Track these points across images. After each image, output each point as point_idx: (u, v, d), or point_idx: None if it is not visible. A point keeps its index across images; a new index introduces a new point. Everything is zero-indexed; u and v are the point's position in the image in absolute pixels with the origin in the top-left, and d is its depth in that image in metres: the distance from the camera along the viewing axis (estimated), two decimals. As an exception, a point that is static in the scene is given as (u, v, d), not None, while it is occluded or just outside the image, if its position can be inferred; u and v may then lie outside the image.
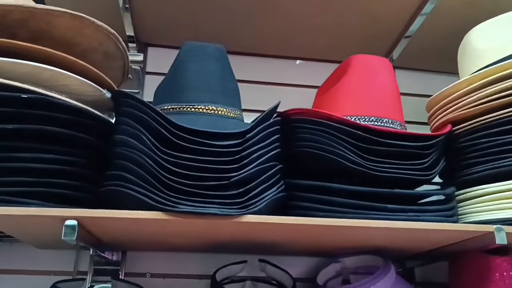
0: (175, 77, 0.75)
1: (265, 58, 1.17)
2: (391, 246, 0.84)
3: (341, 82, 0.82)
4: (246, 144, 0.67)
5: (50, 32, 0.68)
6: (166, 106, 0.73)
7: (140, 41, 1.10)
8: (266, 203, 0.65)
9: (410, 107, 1.03)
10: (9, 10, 0.63)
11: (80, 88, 0.68)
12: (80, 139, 0.67)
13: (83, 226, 0.64)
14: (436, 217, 0.71)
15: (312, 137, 0.73)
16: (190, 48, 0.76)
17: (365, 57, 0.82)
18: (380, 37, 1.10)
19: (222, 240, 0.81)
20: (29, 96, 0.61)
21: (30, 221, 0.62)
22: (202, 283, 0.96)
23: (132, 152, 0.64)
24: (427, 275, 1.04)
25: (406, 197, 0.73)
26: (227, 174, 0.65)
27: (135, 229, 0.70)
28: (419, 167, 0.74)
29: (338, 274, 0.94)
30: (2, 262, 0.92)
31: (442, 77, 1.15)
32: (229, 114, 0.73)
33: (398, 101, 0.81)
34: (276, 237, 0.78)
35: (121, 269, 0.94)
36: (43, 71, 0.64)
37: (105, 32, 0.72)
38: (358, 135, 0.72)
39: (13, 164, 0.61)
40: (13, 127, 0.61)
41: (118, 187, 0.63)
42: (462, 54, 0.89)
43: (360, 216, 0.68)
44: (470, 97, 0.78)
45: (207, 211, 0.61)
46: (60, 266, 0.93)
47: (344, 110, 0.77)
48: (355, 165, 0.71)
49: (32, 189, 0.61)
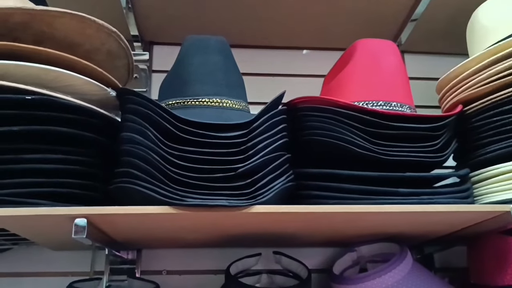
0: (179, 71, 0.75)
1: (271, 49, 1.17)
2: (406, 232, 0.83)
3: (347, 68, 0.80)
4: (252, 135, 0.66)
5: (52, 34, 0.69)
6: (171, 101, 0.73)
7: (145, 40, 1.11)
8: (274, 193, 0.65)
9: (421, 91, 1.02)
10: (9, 14, 0.64)
11: (85, 88, 0.69)
12: (87, 138, 0.67)
13: (92, 224, 0.64)
14: (451, 199, 0.70)
15: (320, 125, 0.72)
16: (192, 42, 0.76)
17: (370, 41, 0.81)
18: (386, 22, 1.08)
19: (234, 234, 0.80)
20: (33, 98, 0.61)
21: (41, 221, 0.63)
22: (218, 278, 0.96)
23: (138, 148, 0.64)
24: (446, 260, 1.02)
25: (419, 180, 0.72)
26: (233, 166, 0.64)
27: (145, 225, 0.70)
28: (430, 149, 0.72)
29: (354, 263, 0.93)
30: (20, 265, 0.93)
31: (451, 58, 1.12)
32: (234, 105, 0.73)
33: (406, 83, 0.80)
34: (288, 228, 0.77)
35: (137, 267, 0.95)
36: (47, 73, 0.64)
37: (106, 31, 0.72)
38: (367, 120, 0.71)
39: (21, 165, 0.61)
40: (19, 129, 0.61)
41: (126, 184, 0.63)
42: (470, 32, 0.87)
43: (371, 201, 0.67)
44: (480, 75, 0.76)
45: (215, 203, 0.61)
46: (77, 267, 0.94)
47: (352, 96, 0.76)
48: (365, 150, 0.70)
49: (42, 190, 0.62)
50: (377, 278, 0.75)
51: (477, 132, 0.78)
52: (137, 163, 0.64)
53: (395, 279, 0.75)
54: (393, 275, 0.75)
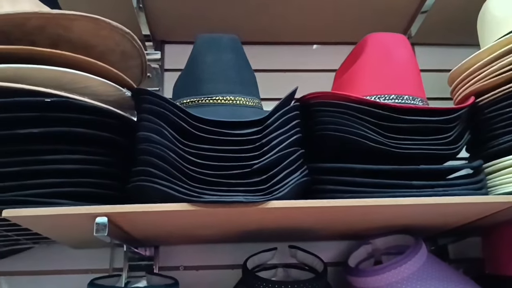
0: (192, 70, 0.76)
1: (281, 45, 1.17)
2: (420, 224, 0.83)
3: (358, 62, 0.81)
4: (266, 131, 0.67)
5: (67, 36, 0.70)
6: (185, 100, 0.74)
7: (156, 40, 1.12)
8: (290, 188, 0.66)
9: (432, 83, 1.02)
10: (27, 18, 0.65)
11: (101, 89, 0.70)
12: (104, 139, 0.68)
13: (113, 222, 0.65)
14: (465, 191, 0.70)
15: (333, 120, 0.73)
16: (204, 40, 0.77)
17: (380, 35, 0.81)
18: (395, 15, 1.08)
19: (250, 229, 0.82)
20: (52, 100, 0.63)
21: (62, 220, 0.64)
22: (234, 273, 0.97)
23: (155, 147, 0.65)
24: (460, 251, 1.03)
25: (432, 173, 0.72)
26: (249, 162, 0.65)
27: (163, 222, 0.72)
28: (443, 141, 0.73)
29: (369, 255, 0.94)
30: (41, 264, 0.95)
31: (463, 50, 1.12)
32: (247, 103, 0.74)
33: (418, 76, 0.80)
34: (303, 222, 0.78)
35: (155, 263, 0.96)
36: (64, 75, 0.65)
37: (120, 32, 0.73)
38: (379, 114, 0.71)
39: (42, 166, 0.63)
40: (39, 130, 0.62)
41: (144, 182, 0.64)
42: (481, 23, 0.87)
43: (386, 195, 0.68)
44: (492, 66, 0.76)
45: (232, 200, 0.62)
46: (96, 264, 0.96)
47: (363, 90, 0.77)
48: (378, 144, 0.70)
49: (62, 190, 0.63)
50: (392, 270, 0.76)
51: (489, 124, 0.78)
52: (154, 162, 0.65)
53: (410, 270, 0.76)
54: (409, 267, 0.76)
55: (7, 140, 0.62)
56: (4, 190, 0.61)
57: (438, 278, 0.76)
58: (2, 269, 0.95)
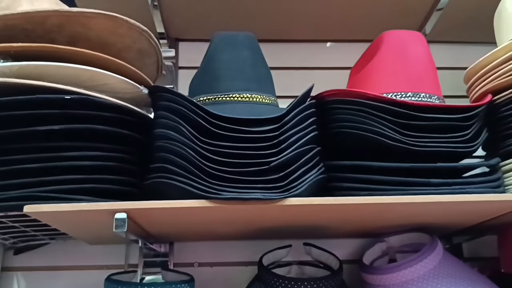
0: (208, 68, 0.76)
1: (295, 43, 1.17)
2: (436, 222, 0.83)
3: (374, 60, 0.81)
4: (283, 129, 0.67)
5: (86, 34, 0.71)
6: (202, 98, 0.74)
7: (170, 37, 1.12)
8: (307, 186, 0.66)
9: (448, 81, 1.01)
10: (47, 16, 0.66)
11: (119, 86, 0.71)
12: (122, 135, 0.69)
13: (131, 218, 0.66)
14: (482, 189, 0.70)
15: (349, 117, 0.72)
16: (220, 38, 0.77)
17: (396, 32, 0.81)
18: (411, 12, 1.08)
19: (266, 226, 0.82)
20: (72, 97, 0.64)
21: (82, 216, 0.65)
22: (248, 270, 0.97)
23: (172, 144, 0.66)
24: (475, 249, 1.02)
25: (449, 170, 0.72)
26: (266, 159, 0.65)
27: (180, 219, 0.72)
28: (460, 139, 0.72)
29: (384, 253, 0.93)
30: (57, 259, 0.96)
31: (479, 47, 1.12)
32: (264, 100, 0.74)
33: (434, 74, 0.80)
34: (320, 220, 0.78)
35: (170, 260, 0.97)
36: (83, 72, 0.66)
37: (138, 30, 0.73)
38: (396, 112, 0.71)
39: (62, 163, 0.63)
40: (59, 127, 0.63)
41: (162, 179, 0.65)
42: (498, 20, 0.87)
43: (403, 192, 0.67)
44: (509, 64, 0.76)
45: (249, 197, 0.62)
46: (112, 260, 0.97)
47: (379, 87, 0.77)
48: (395, 141, 0.70)
49: (82, 186, 0.64)
50: (408, 267, 0.76)
51: (506, 122, 0.78)
52: (172, 159, 0.65)
53: (426, 268, 0.76)
54: (425, 265, 0.76)
55: (28, 137, 0.63)
56: (25, 186, 0.62)
57: (455, 276, 0.76)
58: (19, 264, 0.96)
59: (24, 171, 0.62)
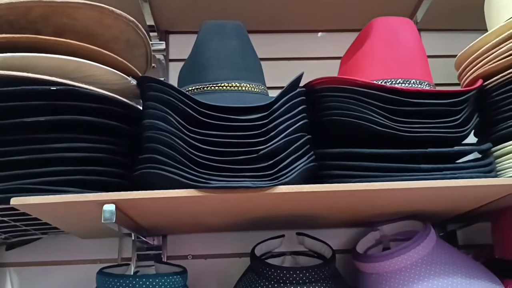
0: (197, 57, 0.76)
1: (286, 33, 1.17)
2: (429, 209, 0.83)
3: (364, 47, 0.80)
4: (272, 117, 0.67)
5: (72, 25, 0.70)
6: (190, 87, 0.74)
7: (160, 30, 1.12)
8: (297, 173, 0.65)
9: (440, 69, 1.01)
10: (30, 7, 0.65)
11: (106, 78, 0.70)
12: (110, 127, 0.68)
13: (121, 209, 0.65)
14: (474, 174, 0.70)
15: (339, 105, 0.72)
16: (209, 27, 0.77)
17: (386, 19, 0.80)
18: (401, 1, 1.07)
19: (258, 216, 0.81)
20: (58, 88, 0.63)
21: (70, 208, 0.64)
22: (242, 261, 0.97)
23: (161, 134, 0.65)
24: (469, 237, 1.02)
25: (441, 156, 0.71)
26: (255, 148, 0.65)
27: (171, 209, 0.72)
28: (451, 124, 0.72)
29: (378, 242, 0.93)
30: (49, 254, 0.96)
31: (469, 35, 1.10)
32: (253, 89, 0.73)
33: (425, 60, 0.79)
34: (312, 209, 0.78)
35: (163, 253, 0.97)
36: (69, 63, 0.65)
37: (124, 20, 0.73)
38: (386, 98, 0.71)
39: (49, 154, 0.63)
40: (45, 119, 0.62)
41: (151, 169, 0.65)
42: (488, 6, 0.86)
43: (394, 178, 0.67)
44: (499, 49, 0.76)
45: (239, 185, 0.62)
46: (105, 254, 0.97)
47: (370, 74, 0.76)
48: (386, 128, 0.70)
49: (70, 178, 0.63)
50: (401, 255, 0.76)
51: (497, 107, 0.78)
52: (160, 149, 0.65)
53: (419, 255, 0.76)
54: (418, 252, 0.76)
55: (14, 129, 0.62)
56: (12, 178, 0.62)
57: (448, 263, 0.75)
58: (11, 260, 0.96)
59: (11, 163, 0.62)
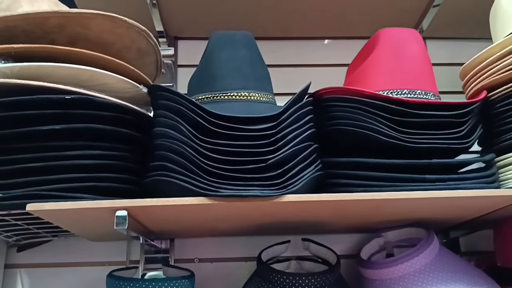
0: (206, 67, 0.77)
1: (293, 40, 1.18)
2: (433, 217, 0.84)
3: (370, 57, 0.82)
4: (281, 126, 0.68)
5: (86, 35, 0.72)
6: (200, 96, 0.75)
7: (169, 36, 1.13)
8: (304, 182, 0.67)
9: (445, 77, 1.02)
10: (47, 17, 0.67)
11: (118, 86, 0.72)
12: (122, 134, 0.70)
13: (132, 215, 0.67)
14: (477, 184, 0.71)
15: (346, 115, 0.74)
16: (218, 37, 0.78)
17: (393, 30, 0.82)
18: (408, 9, 1.08)
19: (264, 222, 0.83)
20: (72, 97, 0.65)
21: (84, 214, 0.66)
22: (248, 265, 0.99)
23: (171, 142, 0.67)
24: (472, 244, 1.03)
25: (445, 167, 0.73)
26: (264, 157, 0.66)
27: (181, 216, 0.73)
28: (455, 135, 0.73)
29: (381, 248, 0.95)
30: (60, 256, 0.98)
31: (475, 43, 1.12)
32: (261, 98, 0.75)
33: (430, 71, 0.81)
34: (317, 216, 0.80)
35: (171, 256, 0.98)
36: (83, 72, 0.67)
37: (136, 29, 0.74)
38: (392, 109, 0.72)
39: (64, 162, 0.65)
40: (60, 127, 0.64)
41: (162, 177, 0.66)
42: (493, 17, 0.87)
43: (399, 188, 0.68)
44: (504, 61, 0.77)
45: (248, 194, 0.63)
46: (114, 256, 0.98)
47: (376, 85, 0.78)
48: (391, 138, 0.71)
49: (83, 184, 0.65)
50: (405, 262, 0.77)
51: (501, 118, 0.79)
52: (171, 157, 0.66)
53: (422, 263, 0.77)
54: (421, 259, 0.77)
55: (30, 137, 0.64)
56: (27, 184, 0.64)
57: (450, 270, 0.77)
58: (22, 261, 0.97)
59: (26, 170, 0.64)
